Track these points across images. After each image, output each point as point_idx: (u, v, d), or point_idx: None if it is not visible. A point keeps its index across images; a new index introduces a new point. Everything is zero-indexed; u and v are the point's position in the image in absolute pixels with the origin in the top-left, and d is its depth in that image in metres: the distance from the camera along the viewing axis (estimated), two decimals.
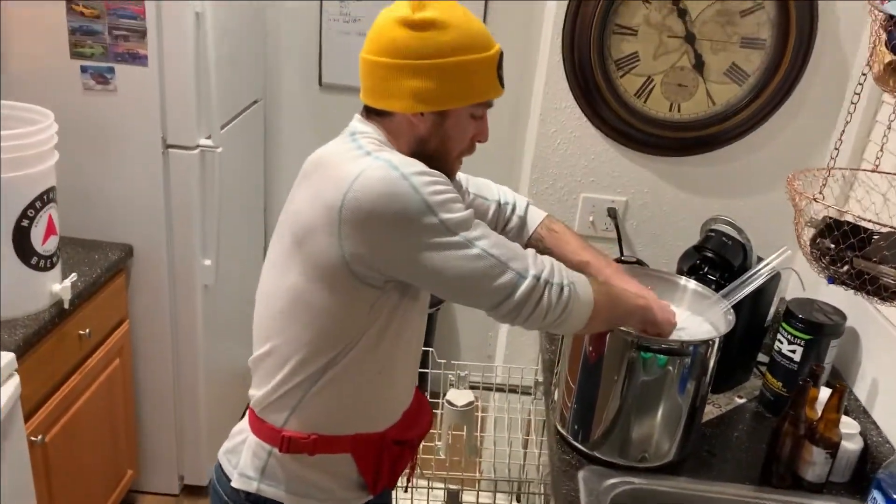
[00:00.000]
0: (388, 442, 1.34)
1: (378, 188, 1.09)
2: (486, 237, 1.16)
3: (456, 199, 1.15)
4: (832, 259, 1.08)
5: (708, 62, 1.92)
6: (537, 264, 1.19)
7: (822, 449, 1.50)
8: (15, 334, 1.81)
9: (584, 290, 1.23)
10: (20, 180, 1.77)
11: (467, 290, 1.16)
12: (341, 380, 1.24)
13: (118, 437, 2.40)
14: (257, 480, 1.30)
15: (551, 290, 1.18)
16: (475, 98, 1.20)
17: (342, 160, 1.15)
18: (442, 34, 1.15)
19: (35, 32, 2.10)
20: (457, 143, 1.24)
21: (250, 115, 2.76)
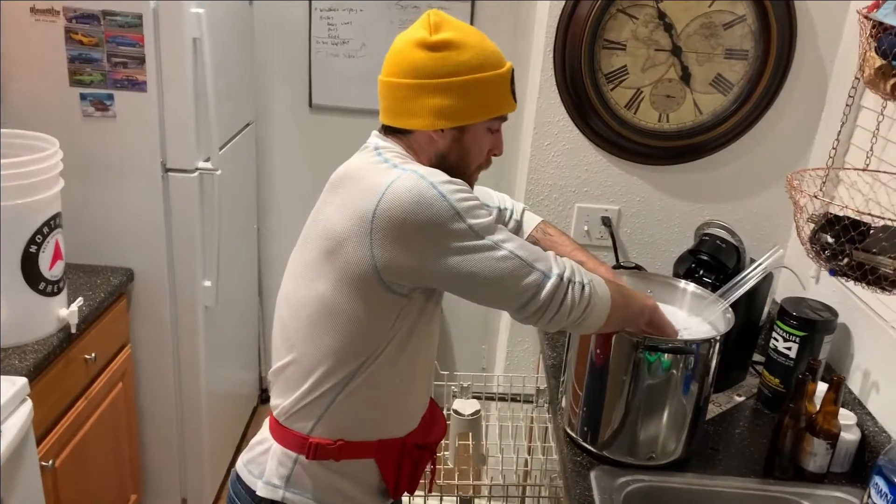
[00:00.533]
0: (410, 447, 1.37)
1: (409, 197, 1.14)
2: (511, 240, 1.20)
3: (480, 205, 1.20)
4: (833, 253, 1.14)
5: (694, 73, 1.99)
6: (559, 264, 1.24)
7: (822, 440, 1.56)
8: (25, 360, 1.82)
9: (603, 289, 1.28)
10: (28, 207, 1.80)
11: (496, 291, 1.20)
12: (367, 387, 1.27)
13: (122, 462, 2.41)
14: (283, 489, 1.32)
15: (574, 289, 1.22)
16: (492, 113, 1.26)
17: (371, 172, 1.20)
18: (459, 54, 1.21)
19: (34, 61, 2.13)
20: (475, 157, 1.30)
21: (244, 138, 2.79)
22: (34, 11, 2.07)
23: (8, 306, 1.83)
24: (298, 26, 2.94)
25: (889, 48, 1.07)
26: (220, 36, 2.40)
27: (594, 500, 1.49)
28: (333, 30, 2.93)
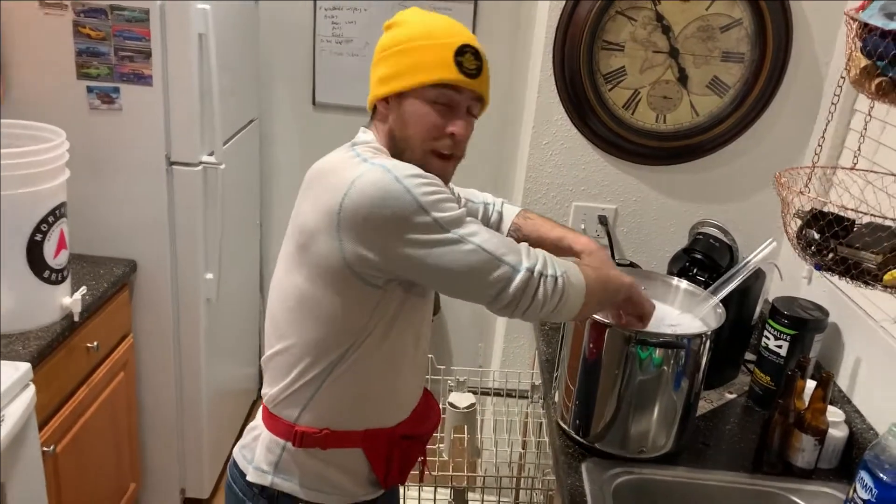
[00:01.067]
0: (398, 437, 1.38)
1: (372, 191, 1.15)
2: (479, 233, 1.20)
3: (448, 198, 1.20)
4: (818, 248, 1.17)
5: (691, 75, 2.02)
6: (531, 257, 1.23)
7: (810, 436, 1.59)
8: (28, 346, 1.85)
9: (577, 278, 1.28)
10: (34, 196, 1.83)
11: (464, 284, 1.21)
12: (350, 377, 1.29)
13: (122, 451, 2.44)
14: (271, 474, 1.34)
15: (545, 282, 1.22)
16: (423, 77, 1.23)
17: (341, 167, 1.22)
18: (402, 29, 1.27)
19: (42, 54, 2.16)
20: (416, 130, 1.26)
21: (247, 134, 2.83)
22: (43, 5, 2.11)
23: (12, 293, 1.86)
24: (303, 25, 2.98)
25: (873, 48, 1.10)
26: (226, 32, 2.44)
27: (585, 491, 1.52)
28: (338, 28, 2.96)
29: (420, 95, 1.25)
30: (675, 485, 1.60)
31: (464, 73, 1.24)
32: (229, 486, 1.43)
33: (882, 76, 1.10)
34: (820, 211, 1.15)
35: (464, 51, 1.23)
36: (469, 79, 1.24)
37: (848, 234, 1.16)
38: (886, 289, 1.13)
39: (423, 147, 1.27)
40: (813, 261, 1.18)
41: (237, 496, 1.40)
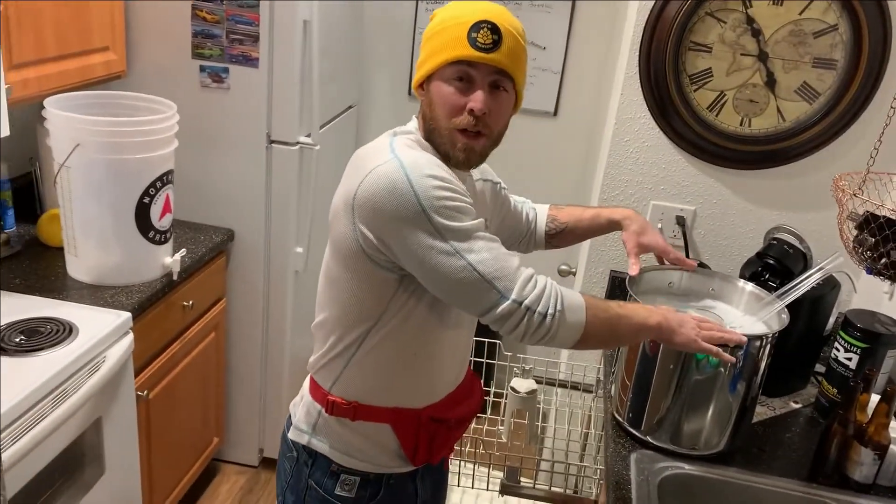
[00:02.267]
0: (426, 419, 1.41)
1: (382, 185, 1.19)
2: (477, 251, 1.20)
3: (459, 207, 1.21)
4: (872, 253, 1.16)
5: (779, 80, 2.00)
6: (525, 290, 1.21)
7: (870, 450, 1.56)
8: (131, 298, 2.04)
9: (575, 317, 1.25)
10: (145, 162, 2.01)
11: (453, 295, 1.24)
12: (375, 355, 1.34)
13: (208, 406, 2.63)
14: (309, 434, 1.43)
15: (532, 318, 1.21)
16: (441, 57, 1.24)
17: (368, 156, 1.27)
18: (435, 18, 1.29)
19: (162, 34, 2.36)
20: (440, 110, 1.26)
21: (345, 119, 2.97)
22: None
23: (120, 250, 2.06)
24: (405, 19, 3.10)
25: None
26: (330, 21, 2.58)
27: (630, 479, 1.55)
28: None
29: (440, 76, 1.26)
30: (723, 484, 1.60)
31: (477, 48, 1.22)
32: (283, 433, 1.52)
33: None
34: (872, 214, 1.15)
35: (479, 27, 1.22)
36: (483, 53, 1.22)
37: None
38: None
39: (448, 126, 1.27)
40: (865, 265, 1.18)
41: (287, 443, 1.49)
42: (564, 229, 1.67)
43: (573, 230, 1.67)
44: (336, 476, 1.41)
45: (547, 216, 1.66)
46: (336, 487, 1.41)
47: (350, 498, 1.42)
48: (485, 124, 1.28)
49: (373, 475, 1.43)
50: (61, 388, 1.70)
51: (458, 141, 1.28)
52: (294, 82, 2.39)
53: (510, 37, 1.25)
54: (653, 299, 1.68)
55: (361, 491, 1.42)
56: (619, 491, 1.51)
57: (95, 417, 1.88)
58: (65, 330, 1.83)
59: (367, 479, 1.42)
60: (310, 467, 1.43)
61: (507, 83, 1.28)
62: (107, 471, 1.96)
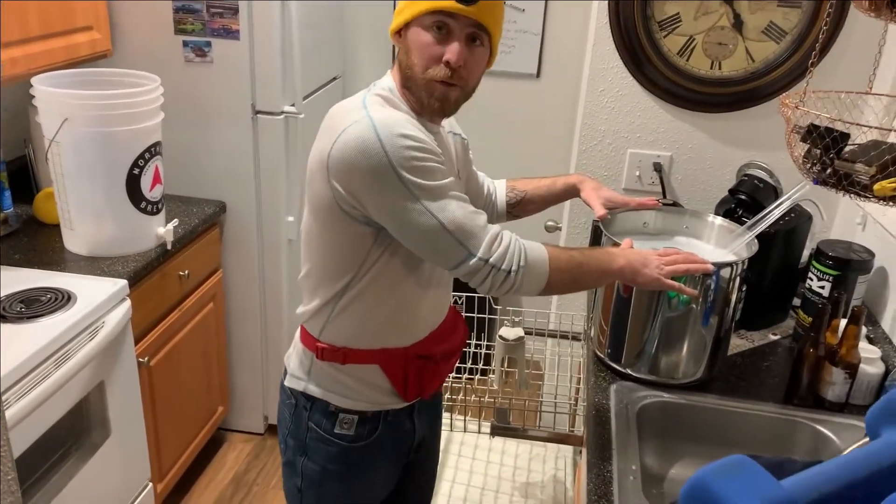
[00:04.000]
0: (412, 356, 1.47)
1: (354, 144, 1.23)
2: (448, 210, 1.26)
3: (429, 168, 1.26)
4: (817, 164, 1.21)
5: (746, 21, 2.04)
6: (490, 248, 1.29)
7: (841, 370, 1.62)
8: (127, 267, 2.11)
9: (538, 270, 1.33)
10: (132, 134, 2.07)
11: (424, 250, 1.31)
12: (358, 304, 1.40)
13: (212, 375, 2.70)
14: (305, 380, 1.49)
15: (497, 274, 1.29)
16: (421, 5, 1.27)
17: (342, 114, 1.31)
18: None
19: (145, 11, 2.42)
20: (417, 57, 1.30)
21: (331, 89, 3.02)
22: None
23: (113, 221, 2.12)
24: None
25: None
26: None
27: (610, 408, 1.61)
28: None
29: (419, 23, 1.29)
30: (701, 409, 1.66)
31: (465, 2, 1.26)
32: (281, 382, 1.58)
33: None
34: (813, 124, 1.20)
35: None
36: (463, 5, 1.26)
37: (842, 149, 1.20)
38: (879, 200, 1.17)
39: (424, 76, 1.30)
40: (813, 176, 1.23)
41: (285, 391, 1.55)
42: (524, 197, 1.73)
43: (532, 198, 1.73)
44: (334, 416, 1.48)
45: (506, 186, 1.73)
46: (336, 426, 1.48)
47: (349, 435, 1.49)
48: (459, 76, 1.31)
49: (370, 413, 1.49)
50: (62, 350, 1.77)
51: (435, 90, 1.31)
52: (275, 53, 2.44)
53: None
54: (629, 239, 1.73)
55: (360, 428, 1.49)
56: (599, 419, 1.58)
57: (98, 381, 1.96)
58: (63, 297, 1.90)
59: (365, 417, 1.49)
60: (308, 410, 1.49)
61: (484, 37, 1.32)
62: (112, 433, 2.04)
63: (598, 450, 1.48)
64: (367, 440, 1.50)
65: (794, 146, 1.26)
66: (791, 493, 0.44)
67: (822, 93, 1.37)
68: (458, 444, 2.55)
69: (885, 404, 0.57)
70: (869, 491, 0.46)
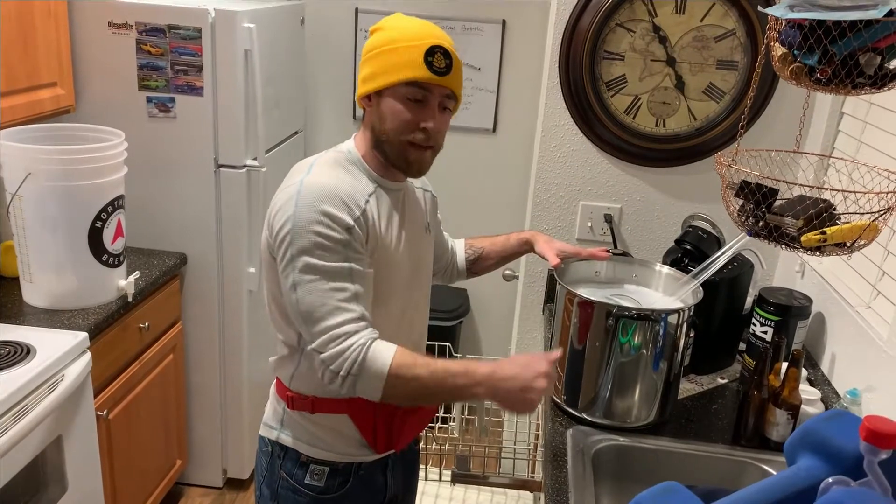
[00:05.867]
0: (381, 405, 1.42)
1: (278, 205, 1.34)
2: (309, 291, 1.29)
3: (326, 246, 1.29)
4: (751, 218, 1.31)
5: (688, 82, 2.17)
6: (328, 346, 1.29)
7: (784, 411, 1.70)
8: (87, 319, 2.11)
9: (370, 384, 1.30)
10: (95, 188, 2.10)
11: (292, 316, 1.36)
12: None
13: (170, 429, 2.68)
14: (277, 430, 1.52)
15: (325, 372, 1.31)
16: (396, 76, 1.33)
17: (291, 174, 1.41)
18: (380, 34, 1.40)
19: (109, 68, 2.46)
20: (392, 125, 1.36)
21: (293, 144, 3.09)
22: (111, 25, 2.41)
23: (74, 274, 2.13)
24: (345, 44, 3.24)
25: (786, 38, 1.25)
26: (271, 49, 2.70)
27: (567, 452, 1.66)
28: None
29: (394, 93, 1.35)
30: (654, 452, 1.72)
31: (433, 71, 1.33)
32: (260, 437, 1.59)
33: (795, 62, 1.25)
34: (745, 181, 1.30)
35: (434, 51, 1.33)
36: (438, 76, 1.33)
37: (772, 204, 1.30)
38: (807, 250, 1.26)
39: (400, 139, 1.37)
40: (747, 229, 1.32)
41: (262, 439, 1.57)
42: (481, 254, 1.80)
43: (488, 255, 1.81)
44: (306, 466, 1.50)
45: (465, 244, 1.81)
46: (306, 477, 1.50)
47: (319, 486, 1.50)
48: (434, 139, 1.40)
49: (341, 465, 1.50)
50: (21, 404, 1.77)
51: (410, 154, 1.39)
52: (238, 108, 2.50)
53: (456, 61, 1.38)
54: (581, 288, 1.80)
55: (330, 480, 1.50)
56: (556, 463, 1.62)
57: (56, 435, 1.94)
58: (22, 351, 1.90)
59: (336, 469, 1.50)
60: (281, 459, 1.51)
61: (452, 103, 1.41)
62: (69, 488, 2.01)
63: (555, 493, 1.52)
64: (336, 493, 1.51)
65: (730, 201, 1.35)
66: None
67: (754, 151, 1.47)
68: (419, 493, 2.56)
69: (801, 434, 0.63)
70: None
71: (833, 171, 1.96)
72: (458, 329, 3.32)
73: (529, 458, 2.21)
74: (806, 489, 0.53)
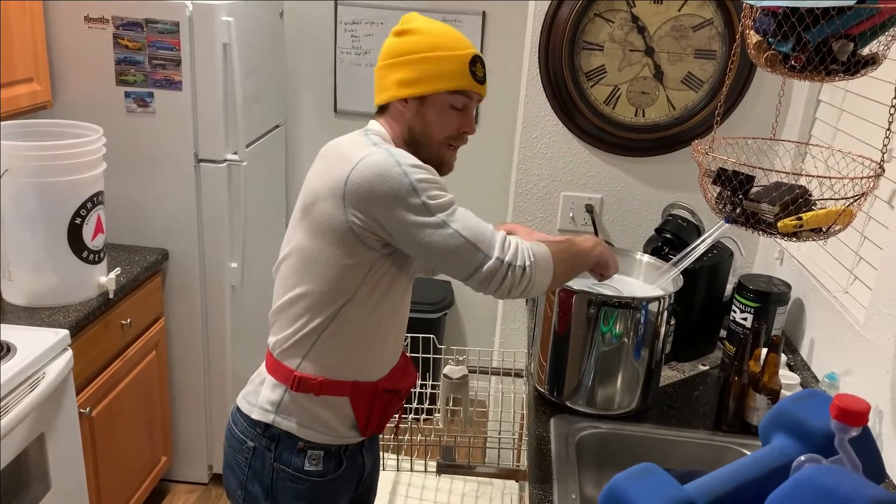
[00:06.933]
0: (381, 390, 1.54)
1: (375, 169, 1.34)
2: (461, 220, 1.37)
3: (439, 186, 1.38)
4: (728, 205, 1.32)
5: (666, 72, 2.19)
6: (504, 248, 1.38)
7: (764, 396, 1.72)
8: (68, 317, 2.10)
9: (546, 263, 1.42)
10: (74, 184, 2.08)
11: (443, 262, 1.38)
12: (344, 331, 1.47)
13: (154, 425, 2.67)
14: (273, 413, 1.52)
15: (514, 271, 1.38)
16: (445, 84, 1.43)
17: (353, 146, 1.42)
18: (417, 37, 1.45)
19: (86, 63, 2.44)
20: (437, 129, 1.47)
21: (273, 137, 3.07)
22: (87, 20, 2.39)
23: (54, 271, 2.12)
24: (325, 38, 3.23)
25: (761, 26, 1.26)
26: (250, 43, 2.69)
27: (550, 440, 1.68)
28: (357, 41, 3.21)
29: (440, 99, 1.44)
30: (636, 439, 1.74)
31: (477, 80, 1.45)
32: (229, 430, 1.60)
33: (770, 50, 1.26)
34: (722, 168, 1.31)
35: (475, 61, 1.45)
36: (480, 85, 1.46)
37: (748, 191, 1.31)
38: (783, 236, 1.28)
39: (442, 143, 1.48)
40: (724, 216, 1.34)
41: (238, 437, 1.57)
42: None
43: None
44: (303, 452, 1.52)
45: None
46: (305, 463, 1.52)
47: (319, 471, 1.53)
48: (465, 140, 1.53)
49: (333, 447, 1.54)
50: (1, 403, 1.75)
51: (446, 155, 1.51)
52: (217, 103, 2.48)
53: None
54: None
55: (326, 463, 1.54)
56: (540, 452, 1.63)
57: (38, 433, 1.93)
58: (2, 349, 1.88)
59: (330, 452, 1.54)
60: (273, 451, 1.52)
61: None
62: (53, 486, 2.00)
63: (539, 481, 1.53)
64: (333, 475, 1.55)
65: (707, 188, 1.36)
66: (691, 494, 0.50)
67: (731, 139, 1.48)
68: (405, 485, 2.57)
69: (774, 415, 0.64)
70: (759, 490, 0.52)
71: (810, 158, 1.98)
72: (442, 321, 3.33)
73: (514, 448, 2.22)
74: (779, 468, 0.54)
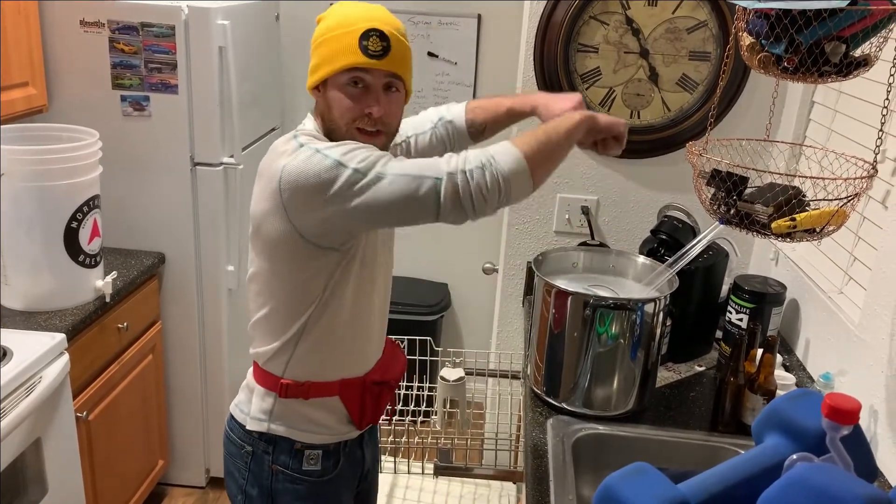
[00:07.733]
0: (369, 384, 1.54)
1: (299, 165, 1.30)
2: (397, 165, 1.29)
3: (362, 148, 1.31)
4: (723, 206, 1.33)
5: (661, 74, 2.19)
6: (449, 163, 1.29)
7: (759, 396, 1.72)
8: (65, 321, 2.10)
9: (508, 155, 1.29)
10: (70, 188, 2.08)
11: (403, 211, 1.30)
12: (319, 335, 1.46)
13: (151, 429, 2.67)
14: (268, 421, 1.52)
15: (473, 176, 1.27)
16: (333, 66, 1.35)
17: (278, 155, 1.37)
18: (322, 24, 1.40)
19: (82, 67, 2.44)
20: (339, 112, 1.37)
21: (270, 140, 3.05)
22: (83, 24, 2.39)
23: (51, 275, 2.12)
24: None
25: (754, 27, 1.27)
26: (246, 46, 2.69)
27: (547, 442, 1.68)
28: None
29: (336, 82, 1.36)
30: (633, 440, 1.74)
31: (369, 55, 1.32)
32: (227, 437, 1.60)
33: (763, 52, 1.27)
34: (716, 169, 1.32)
35: (369, 34, 1.32)
36: (375, 60, 1.33)
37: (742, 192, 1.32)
38: (778, 237, 1.28)
39: (347, 127, 1.38)
40: (719, 217, 1.34)
41: (236, 444, 1.57)
42: (484, 129, 1.71)
43: (493, 128, 1.71)
44: (300, 454, 1.52)
45: (465, 121, 1.68)
46: (303, 464, 1.52)
47: (317, 471, 1.53)
48: (383, 123, 1.39)
49: (332, 446, 1.55)
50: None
51: (360, 140, 1.37)
52: (214, 106, 2.49)
53: (397, 41, 1.36)
54: (559, 279, 1.82)
55: (325, 462, 1.54)
56: (537, 453, 1.64)
57: (35, 437, 1.93)
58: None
59: (328, 451, 1.54)
60: (271, 454, 1.52)
61: (399, 83, 1.40)
62: (50, 491, 2.00)
63: (536, 482, 1.54)
64: (332, 473, 1.56)
65: (702, 189, 1.37)
66: (684, 493, 0.50)
67: (726, 140, 1.49)
68: (402, 487, 2.57)
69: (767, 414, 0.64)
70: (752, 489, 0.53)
71: (804, 159, 1.99)
72: (439, 323, 3.33)
73: (511, 449, 2.22)
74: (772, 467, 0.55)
